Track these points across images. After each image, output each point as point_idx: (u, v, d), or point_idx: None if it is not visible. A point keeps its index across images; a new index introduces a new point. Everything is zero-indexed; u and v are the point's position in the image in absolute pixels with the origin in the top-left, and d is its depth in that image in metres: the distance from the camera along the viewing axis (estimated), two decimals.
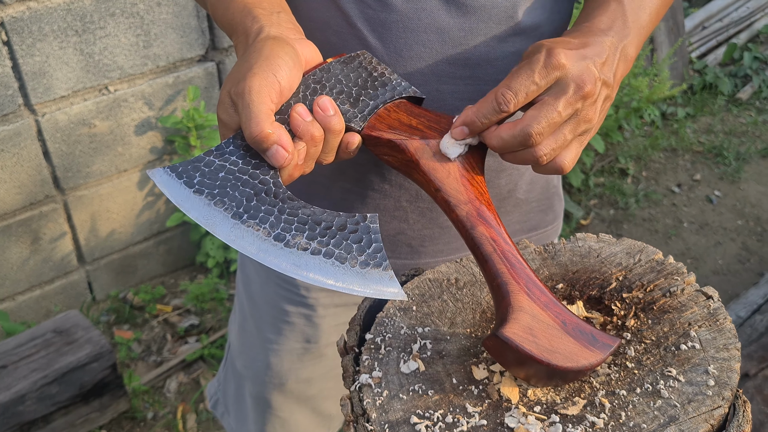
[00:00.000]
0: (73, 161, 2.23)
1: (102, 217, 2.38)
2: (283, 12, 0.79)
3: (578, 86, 0.71)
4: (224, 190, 0.69)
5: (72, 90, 2.12)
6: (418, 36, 0.85)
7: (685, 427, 0.62)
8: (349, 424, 0.70)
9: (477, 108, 0.72)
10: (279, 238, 0.67)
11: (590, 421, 0.64)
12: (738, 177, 3.42)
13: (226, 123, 0.72)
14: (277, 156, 0.69)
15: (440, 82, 0.89)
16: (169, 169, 0.70)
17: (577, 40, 0.75)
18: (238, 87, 0.69)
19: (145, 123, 2.32)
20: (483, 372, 0.70)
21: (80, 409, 1.86)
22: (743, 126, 3.83)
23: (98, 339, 1.87)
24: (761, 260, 2.87)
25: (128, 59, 2.19)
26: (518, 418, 0.65)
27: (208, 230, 0.68)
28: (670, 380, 0.67)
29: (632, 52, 0.79)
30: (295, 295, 1.13)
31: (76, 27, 2.05)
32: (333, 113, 0.72)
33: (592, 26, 0.78)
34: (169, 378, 2.28)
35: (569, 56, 0.71)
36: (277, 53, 0.71)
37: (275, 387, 1.21)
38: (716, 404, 0.64)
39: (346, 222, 0.69)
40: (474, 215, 0.70)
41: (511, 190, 1.03)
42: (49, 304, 2.40)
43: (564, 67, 0.71)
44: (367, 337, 0.75)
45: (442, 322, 0.76)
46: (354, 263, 0.67)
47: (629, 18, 0.79)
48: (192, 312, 2.51)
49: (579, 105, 0.72)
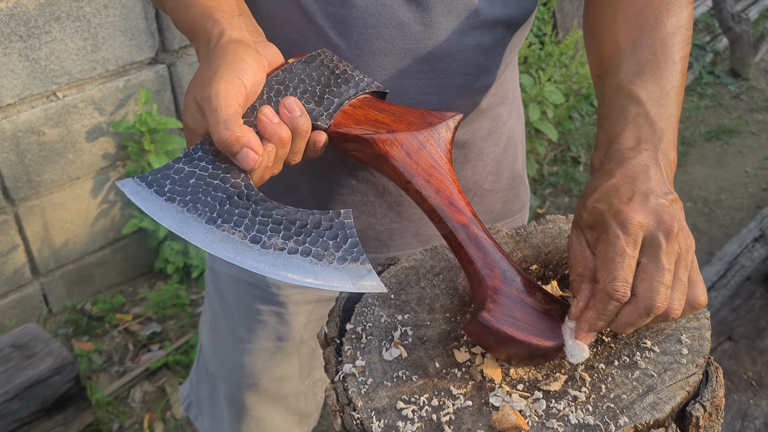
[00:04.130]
0: (23, 171, 2.17)
1: (55, 227, 2.32)
2: (243, 15, 0.78)
3: (666, 232, 0.65)
4: (196, 196, 0.69)
5: (18, 97, 2.06)
6: (379, 31, 0.86)
7: (663, 395, 0.64)
8: (335, 413, 0.70)
9: (594, 310, 0.66)
10: (255, 240, 0.67)
11: (572, 395, 0.66)
12: (684, 161, 3.52)
13: (193, 129, 0.71)
14: (247, 159, 0.69)
15: (403, 77, 0.89)
16: (138, 179, 0.69)
17: (619, 178, 0.69)
18: (204, 92, 0.68)
19: (96, 129, 2.27)
20: (465, 355, 0.71)
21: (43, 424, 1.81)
22: (686, 111, 3.95)
23: (59, 351, 1.82)
24: (711, 240, 2.97)
25: (76, 64, 2.13)
26: (503, 396, 0.67)
27: (184, 237, 0.67)
28: (646, 351, 0.69)
29: (672, 154, 0.72)
30: (266, 293, 1.13)
31: (20, 32, 1.99)
32: (299, 114, 0.72)
33: (622, 149, 0.72)
34: (133, 388, 2.23)
35: (637, 210, 0.66)
36: (240, 56, 0.71)
37: (249, 386, 1.20)
38: (691, 371, 0.66)
39: (320, 219, 0.69)
40: (446, 204, 0.71)
41: (478, 182, 1.04)
42: (3, 318, 2.33)
43: (643, 224, 0.65)
44: (348, 328, 0.76)
45: (421, 308, 0.77)
46: (331, 260, 0.67)
47: (655, 118, 0.73)
48: (153, 320, 2.47)
49: (677, 247, 0.66)
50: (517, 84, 1.08)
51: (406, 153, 0.73)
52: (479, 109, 0.98)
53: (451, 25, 0.87)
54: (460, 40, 0.88)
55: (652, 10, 0.79)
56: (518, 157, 1.11)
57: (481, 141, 1.01)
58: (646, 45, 0.77)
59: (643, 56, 0.76)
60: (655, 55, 0.76)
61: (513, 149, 1.09)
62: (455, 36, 0.87)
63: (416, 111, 0.78)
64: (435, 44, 0.87)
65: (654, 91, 0.74)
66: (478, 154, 1.02)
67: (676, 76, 0.76)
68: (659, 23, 0.78)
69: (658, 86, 0.74)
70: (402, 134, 0.74)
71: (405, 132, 0.74)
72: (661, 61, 0.76)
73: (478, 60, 0.90)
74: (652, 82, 0.75)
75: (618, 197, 0.67)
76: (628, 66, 0.77)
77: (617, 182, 0.69)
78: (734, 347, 1.72)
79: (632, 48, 0.77)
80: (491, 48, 0.91)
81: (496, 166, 1.06)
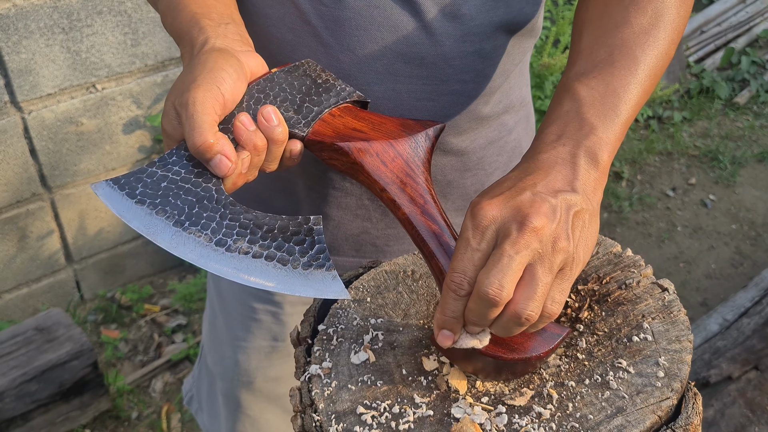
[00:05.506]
0: (60, 159, 2.23)
1: (90, 215, 2.38)
2: (232, 23, 0.78)
3: (520, 224, 0.59)
4: (166, 199, 0.69)
5: (59, 88, 2.12)
6: (372, 33, 0.84)
7: (631, 418, 0.61)
8: (296, 414, 0.69)
9: (441, 309, 0.63)
10: (220, 243, 0.67)
11: (537, 412, 0.63)
12: (733, 181, 3.40)
13: (170, 134, 0.71)
14: (220, 166, 0.69)
15: (396, 81, 0.87)
16: (111, 181, 0.70)
17: (516, 172, 0.65)
18: (182, 98, 0.68)
19: (133, 122, 2.32)
20: (433, 363, 0.69)
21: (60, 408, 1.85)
22: (740, 130, 3.81)
23: (79, 337, 1.86)
24: (754, 264, 2.85)
25: (116, 57, 2.18)
26: (465, 408, 0.64)
27: (150, 239, 0.68)
28: (620, 372, 0.65)
29: (602, 154, 0.66)
30: (262, 292, 1.12)
31: (62, 24, 2.05)
32: (276, 123, 0.71)
33: (541, 143, 0.67)
34: (155, 378, 2.27)
35: (494, 204, 0.61)
36: (221, 65, 0.70)
37: (244, 385, 1.20)
38: (665, 396, 0.63)
39: (288, 225, 0.69)
40: (419, 212, 0.70)
41: (479, 191, 1.02)
42: (36, 302, 2.40)
43: (494, 218, 0.61)
44: (320, 329, 0.74)
45: (396, 313, 0.75)
46: (296, 265, 0.67)
47: (587, 115, 0.67)
48: (180, 312, 2.50)
49: (534, 243, 0.59)
50: (527, 93, 1.05)
51: (381, 161, 0.72)
52: (479, 116, 0.95)
53: (447, 30, 0.84)
54: (456, 46, 0.85)
55: (620, 10, 0.74)
56: None
57: (482, 150, 0.98)
58: (604, 44, 0.72)
59: (599, 55, 0.72)
60: (611, 54, 0.71)
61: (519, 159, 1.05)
62: (452, 41, 0.85)
63: (396, 120, 0.77)
64: (430, 49, 0.85)
65: (598, 90, 0.69)
66: (478, 162, 0.99)
67: (636, 76, 0.70)
68: (625, 23, 0.73)
69: (604, 84, 0.69)
70: (378, 143, 0.73)
71: (381, 141, 0.73)
72: (617, 60, 0.71)
73: (476, 67, 0.88)
74: (599, 80, 0.69)
75: (492, 191, 0.64)
76: (582, 64, 0.72)
77: (511, 175, 0.65)
78: (760, 377, 1.64)
79: (590, 47, 0.73)
80: (491, 54, 0.88)
81: (500, 176, 1.03)
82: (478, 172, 1.00)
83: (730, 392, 1.63)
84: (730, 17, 4.28)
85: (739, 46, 4.18)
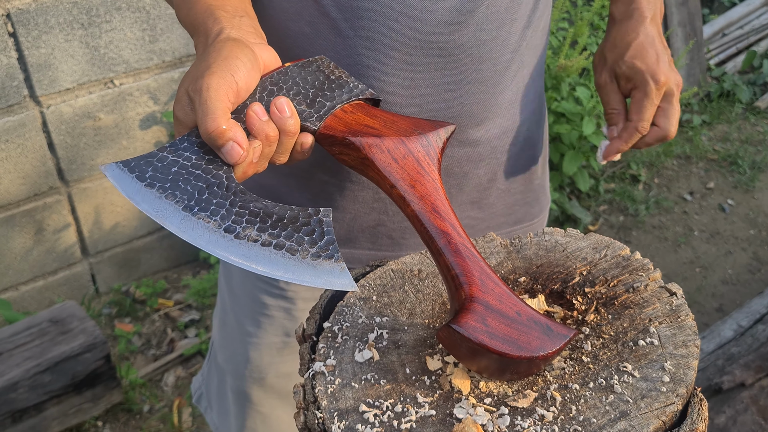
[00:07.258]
0: (78, 153, 2.25)
1: (106, 209, 2.40)
2: (246, 17, 0.78)
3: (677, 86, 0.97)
4: (176, 183, 0.69)
5: (77, 83, 2.14)
6: (391, 24, 0.84)
7: (635, 423, 0.61)
8: (299, 411, 0.69)
9: (622, 139, 0.99)
10: (229, 230, 0.67)
11: (540, 414, 0.63)
12: (752, 186, 3.36)
13: (182, 121, 0.72)
14: (231, 152, 0.69)
15: (414, 72, 0.88)
16: (121, 163, 0.70)
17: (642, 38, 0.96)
18: (196, 84, 0.69)
19: (150, 117, 2.33)
20: (437, 363, 0.69)
21: (72, 399, 1.87)
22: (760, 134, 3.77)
23: (92, 330, 1.88)
24: None
25: (134, 53, 2.20)
26: (467, 409, 0.64)
27: (159, 222, 0.68)
28: (625, 375, 0.65)
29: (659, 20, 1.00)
30: (274, 288, 1.13)
31: (82, 20, 2.07)
32: (289, 115, 0.71)
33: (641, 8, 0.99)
34: (167, 372, 2.28)
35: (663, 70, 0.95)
36: (235, 54, 0.71)
37: (255, 381, 1.20)
38: (669, 401, 0.62)
39: (298, 215, 0.69)
40: (429, 210, 0.70)
41: (492, 180, 1.02)
42: (52, 295, 2.43)
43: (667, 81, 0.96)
44: (325, 326, 0.75)
45: (401, 312, 0.75)
46: (305, 255, 0.66)
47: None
48: (193, 307, 2.52)
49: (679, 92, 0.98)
50: (541, 84, 1.05)
51: (392, 158, 0.73)
52: (495, 106, 0.95)
53: (465, 19, 0.85)
54: (474, 35, 0.86)
55: None
56: (537, 158, 1.08)
57: (496, 139, 0.99)
58: None
59: None
60: None
61: (531, 150, 1.06)
62: (469, 30, 0.85)
63: (408, 119, 0.77)
64: (448, 38, 0.85)
65: None
66: (492, 152, 0.99)
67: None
68: None
69: None
70: (389, 139, 0.73)
71: (393, 137, 0.73)
72: None
73: (492, 55, 0.88)
74: None
75: (649, 58, 0.95)
76: None
77: (643, 42, 0.96)
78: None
79: None
80: (507, 43, 0.88)
81: (512, 165, 1.03)
82: (492, 161, 1.00)
83: (742, 399, 1.61)
84: (753, 20, 4.23)
85: (761, 49, 4.13)
